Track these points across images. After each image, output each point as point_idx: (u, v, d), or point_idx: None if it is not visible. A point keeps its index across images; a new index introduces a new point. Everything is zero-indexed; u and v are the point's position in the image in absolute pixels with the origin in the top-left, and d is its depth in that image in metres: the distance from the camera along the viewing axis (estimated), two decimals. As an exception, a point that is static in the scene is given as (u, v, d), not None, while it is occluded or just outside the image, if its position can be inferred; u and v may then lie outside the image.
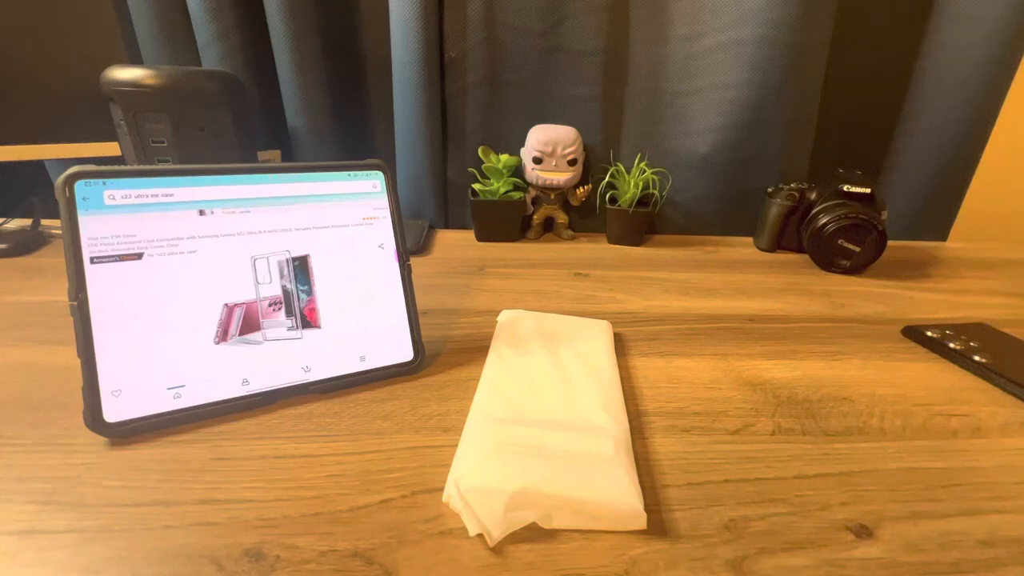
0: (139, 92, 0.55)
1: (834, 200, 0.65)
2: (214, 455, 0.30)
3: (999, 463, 0.32)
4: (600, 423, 0.32)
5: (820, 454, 0.32)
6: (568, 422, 0.32)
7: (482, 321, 0.48)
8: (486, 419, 0.32)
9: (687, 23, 0.68)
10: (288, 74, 0.70)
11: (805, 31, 0.64)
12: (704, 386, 0.39)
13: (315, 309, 0.36)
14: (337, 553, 0.24)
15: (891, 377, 0.41)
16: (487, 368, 0.38)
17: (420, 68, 0.68)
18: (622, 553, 0.24)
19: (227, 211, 0.34)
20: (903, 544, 0.26)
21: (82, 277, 0.30)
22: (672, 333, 0.47)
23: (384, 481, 0.28)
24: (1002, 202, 0.88)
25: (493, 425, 0.31)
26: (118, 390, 0.30)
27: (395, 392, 0.37)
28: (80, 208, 0.30)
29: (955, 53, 0.70)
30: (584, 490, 0.26)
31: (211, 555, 0.24)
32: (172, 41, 0.70)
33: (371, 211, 0.39)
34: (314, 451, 0.30)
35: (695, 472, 0.30)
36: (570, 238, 0.77)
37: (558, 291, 0.56)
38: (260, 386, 0.34)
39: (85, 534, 0.24)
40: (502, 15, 0.68)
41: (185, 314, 0.32)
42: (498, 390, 0.35)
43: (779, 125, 0.70)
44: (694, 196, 0.76)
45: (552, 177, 0.72)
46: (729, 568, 0.24)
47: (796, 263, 0.69)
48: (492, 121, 0.74)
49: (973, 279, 0.65)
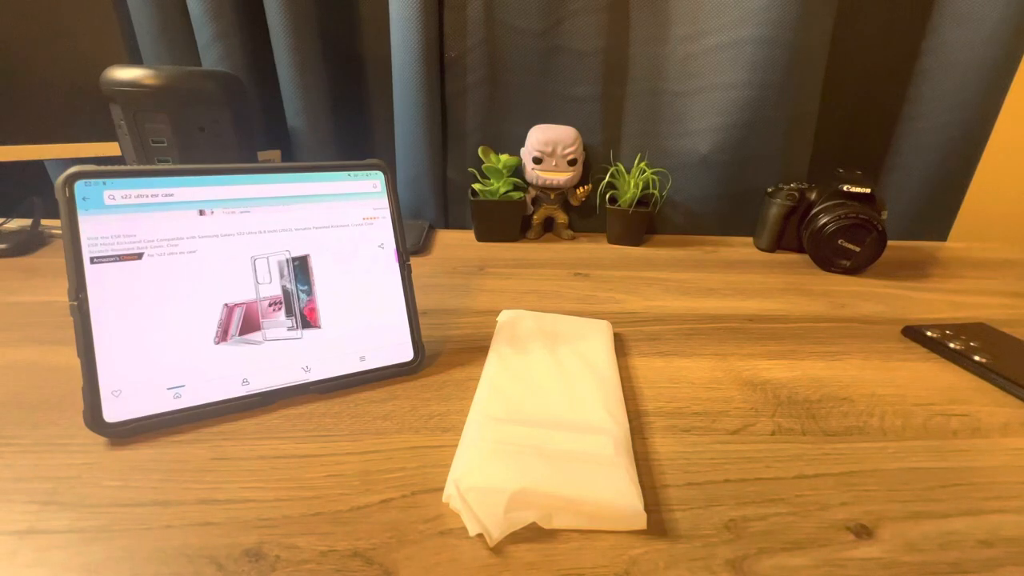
0: (139, 92, 0.55)
1: (834, 200, 0.65)
2: (214, 455, 0.30)
3: (999, 463, 0.32)
4: (600, 423, 0.32)
5: (820, 454, 0.32)
6: (568, 422, 0.32)
7: (482, 321, 0.48)
8: (486, 419, 0.32)
9: (687, 23, 0.68)
10: (288, 74, 0.70)
11: (805, 31, 0.64)
12: (704, 386, 0.39)
13: (315, 309, 0.36)
14: (337, 553, 0.24)
15: (891, 377, 0.41)
16: (487, 368, 0.38)
17: (420, 68, 0.68)
18: (622, 553, 0.24)
19: (227, 211, 0.34)
20: (903, 544, 0.26)
21: (82, 277, 0.30)
22: (672, 333, 0.47)
23: (384, 481, 0.28)
24: (1002, 202, 0.88)
25: (493, 425, 0.31)
26: (118, 390, 0.30)
27: (395, 392, 0.37)
28: (80, 208, 0.30)
29: (955, 53, 0.70)
30: (584, 490, 0.26)
31: (211, 555, 0.24)
32: (172, 41, 0.70)
33: (371, 211, 0.39)
34: (314, 451, 0.30)
35: (695, 472, 0.30)
36: (570, 238, 0.77)
37: (558, 291, 0.56)
38: (260, 386, 0.34)
39: (85, 534, 0.24)
40: (502, 15, 0.68)
41: (185, 314, 0.32)
42: (498, 390, 0.35)
43: (779, 125, 0.70)
44: (694, 196, 0.76)
45: (552, 177, 0.72)
46: (729, 568, 0.24)
47: (796, 263, 0.69)
48: (492, 121, 0.74)
49: (973, 279, 0.65)
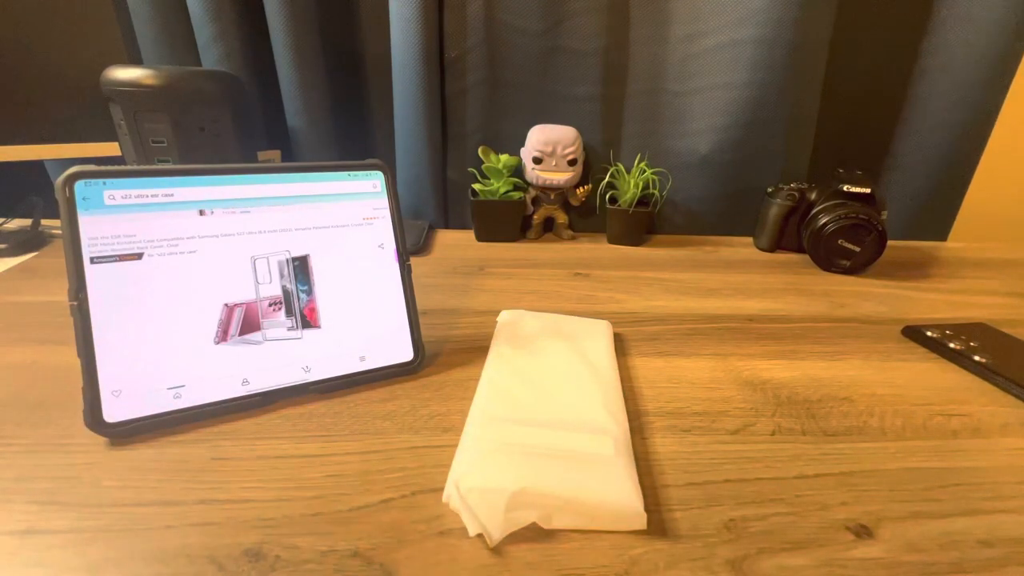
0: (139, 92, 0.55)
1: (834, 200, 0.65)
2: (214, 455, 0.30)
3: (999, 463, 0.32)
4: (600, 423, 0.32)
5: (820, 454, 0.32)
6: (568, 422, 0.32)
7: (482, 321, 0.48)
8: (486, 419, 0.32)
9: (687, 23, 0.68)
10: (288, 74, 0.70)
11: (805, 31, 0.64)
12: (704, 386, 0.39)
13: (315, 309, 0.36)
14: (337, 553, 0.24)
15: (891, 377, 0.41)
16: (487, 368, 0.38)
17: (420, 68, 0.68)
18: (622, 553, 0.24)
19: (227, 211, 0.34)
20: (903, 544, 0.26)
21: (82, 277, 0.30)
22: (672, 333, 0.47)
23: (384, 481, 0.28)
24: (1002, 202, 0.88)
25: (493, 425, 0.31)
26: (118, 390, 0.30)
27: (395, 392, 0.37)
28: (80, 208, 0.30)
29: (955, 53, 0.70)
30: (584, 490, 0.26)
31: (211, 555, 0.24)
32: (172, 41, 0.70)
33: (371, 211, 0.39)
34: (314, 451, 0.30)
35: (695, 472, 0.30)
36: (570, 238, 0.77)
37: (558, 291, 0.56)
38: (260, 386, 0.34)
39: (85, 534, 0.24)
40: (502, 15, 0.68)
41: (185, 314, 0.32)
42: (498, 390, 0.35)
43: (779, 125, 0.70)
44: (694, 196, 0.76)
45: (552, 177, 0.72)
46: (729, 568, 0.24)
47: (796, 263, 0.69)
48: (492, 121, 0.74)
49: (973, 279, 0.65)
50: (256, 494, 0.27)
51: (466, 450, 0.29)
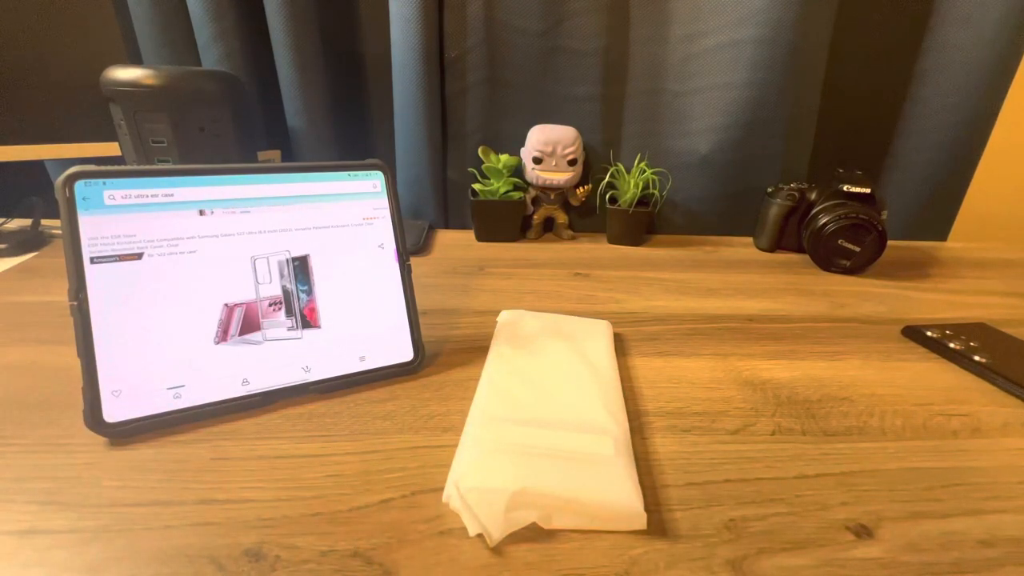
0: (139, 92, 0.55)
1: (834, 200, 0.65)
2: (214, 455, 0.30)
3: (999, 463, 0.32)
4: (600, 423, 0.32)
5: (820, 454, 0.32)
6: (568, 422, 0.32)
7: (482, 321, 0.48)
8: (486, 419, 0.32)
9: (687, 23, 0.68)
10: (288, 74, 0.70)
11: (805, 31, 0.64)
12: (704, 386, 0.39)
13: (315, 309, 0.36)
14: (337, 553, 0.24)
15: (891, 377, 0.41)
16: (487, 368, 0.38)
17: (420, 68, 0.68)
18: (622, 553, 0.24)
19: (227, 211, 0.34)
20: (903, 544, 0.26)
21: (82, 277, 0.30)
22: (672, 333, 0.47)
23: (384, 481, 0.28)
24: (1002, 202, 0.88)
25: (493, 425, 0.31)
26: (118, 390, 0.30)
27: (395, 392, 0.37)
28: (80, 208, 0.30)
29: (955, 53, 0.70)
30: (584, 490, 0.26)
31: (211, 555, 0.24)
32: (172, 41, 0.70)
33: (371, 211, 0.39)
34: (314, 451, 0.30)
35: (695, 472, 0.30)
36: (570, 238, 0.77)
37: (558, 291, 0.56)
38: (260, 386, 0.34)
39: (85, 534, 0.24)
40: (502, 15, 0.68)
41: (185, 314, 0.32)
42: (498, 390, 0.35)
43: (779, 125, 0.70)
44: (694, 196, 0.76)
45: (552, 177, 0.72)
46: (729, 568, 0.24)
47: (796, 263, 0.69)
48: (492, 121, 0.74)
49: (973, 279, 0.65)
50: (256, 494, 0.27)
51: (466, 450, 0.29)
